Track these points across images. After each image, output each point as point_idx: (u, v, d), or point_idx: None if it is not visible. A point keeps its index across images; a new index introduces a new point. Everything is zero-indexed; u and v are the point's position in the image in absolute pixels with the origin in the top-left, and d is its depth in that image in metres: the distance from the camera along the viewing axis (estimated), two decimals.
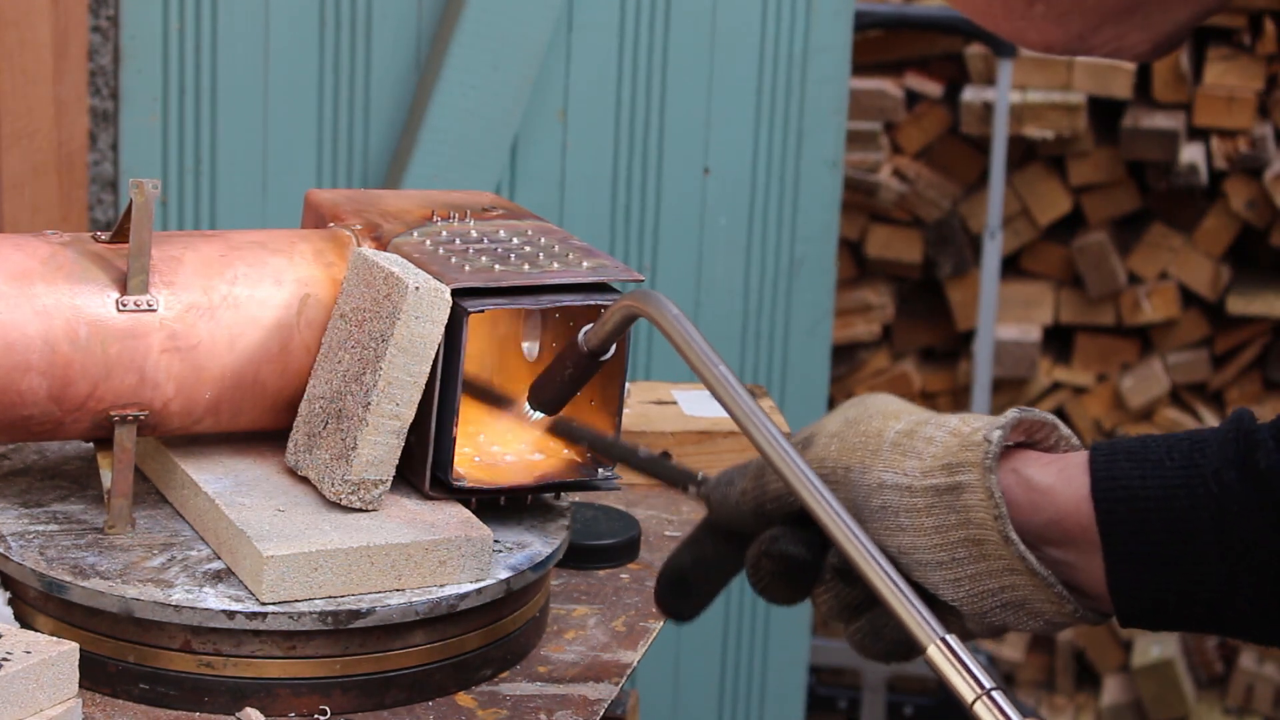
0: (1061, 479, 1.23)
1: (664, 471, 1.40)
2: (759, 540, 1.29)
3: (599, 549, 1.66)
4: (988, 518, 1.21)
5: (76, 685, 1.33)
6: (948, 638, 1.16)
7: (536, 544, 1.51)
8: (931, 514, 1.23)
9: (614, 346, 1.46)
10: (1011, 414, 1.25)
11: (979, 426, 1.24)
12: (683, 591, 1.36)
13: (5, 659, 1.29)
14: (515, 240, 1.58)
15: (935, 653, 1.16)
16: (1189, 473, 1.19)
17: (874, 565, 1.20)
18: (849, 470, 1.27)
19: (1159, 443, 1.21)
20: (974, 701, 1.13)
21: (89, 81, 2.65)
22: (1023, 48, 1.09)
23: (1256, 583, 1.18)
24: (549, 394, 1.49)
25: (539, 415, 1.51)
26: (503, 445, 1.55)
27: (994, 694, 1.13)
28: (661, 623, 1.57)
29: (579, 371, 1.47)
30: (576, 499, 1.70)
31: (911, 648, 1.20)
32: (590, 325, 1.45)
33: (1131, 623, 1.23)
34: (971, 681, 1.14)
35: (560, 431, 1.53)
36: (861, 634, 1.29)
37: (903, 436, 1.26)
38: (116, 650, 1.41)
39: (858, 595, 1.27)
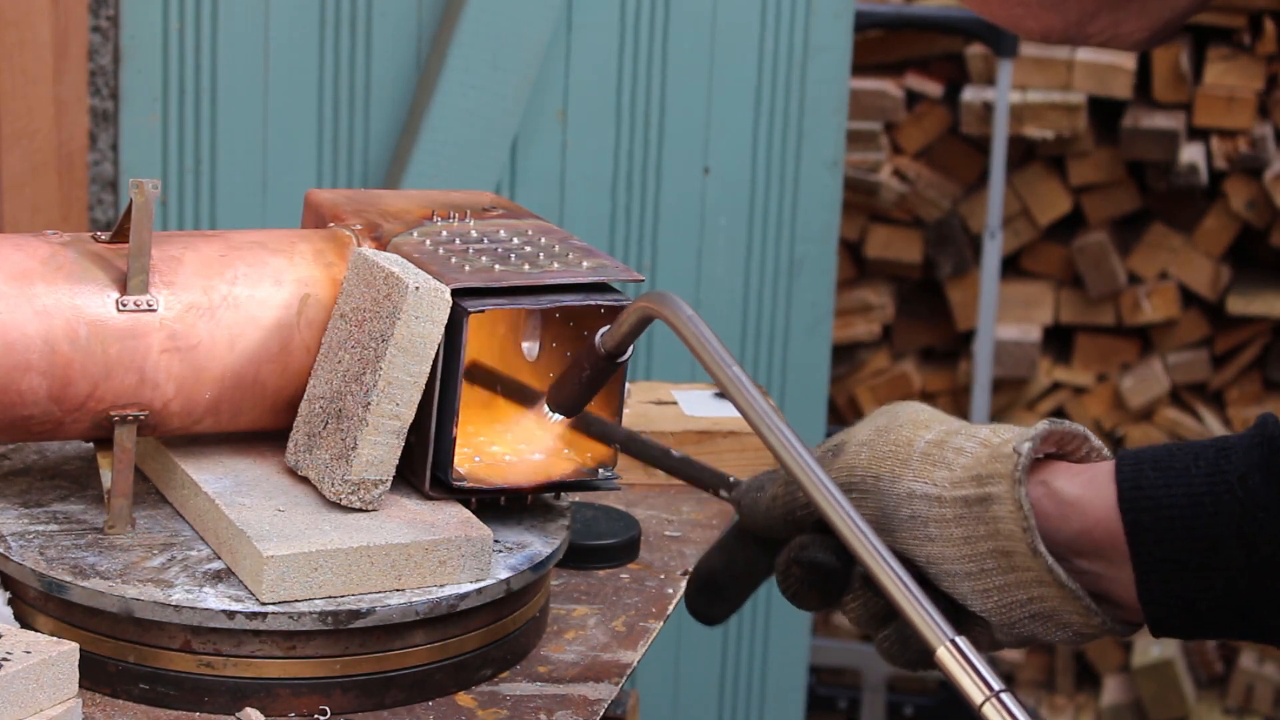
0: (1089, 490, 1.22)
1: (696, 473, 1.40)
2: (789, 547, 1.29)
3: (599, 549, 1.66)
4: (1016, 530, 1.21)
5: (76, 685, 1.33)
6: (957, 639, 1.16)
7: (536, 544, 1.51)
8: (961, 525, 1.23)
9: (631, 348, 1.46)
10: (1042, 426, 1.24)
11: (1009, 438, 1.24)
12: (713, 595, 1.36)
13: (5, 659, 1.29)
14: (515, 240, 1.58)
15: (944, 654, 1.16)
16: (1214, 479, 1.19)
17: (883, 565, 1.20)
18: (878, 479, 1.26)
19: (1185, 450, 1.21)
20: (983, 703, 1.13)
21: (89, 81, 2.65)
22: (1020, 35, 1.09)
23: None
24: (567, 396, 1.49)
25: (558, 417, 1.51)
26: (502, 445, 1.55)
27: (1003, 696, 1.13)
28: (661, 623, 1.56)
29: (596, 373, 1.47)
30: (576, 499, 1.70)
31: None
32: (607, 327, 1.45)
33: (1163, 631, 1.22)
34: (980, 683, 1.14)
35: (593, 430, 1.52)
36: (890, 642, 1.28)
37: (933, 446, 1.26)
38: (116, 650, 1.41)
39: (886, 604, 1.27)
